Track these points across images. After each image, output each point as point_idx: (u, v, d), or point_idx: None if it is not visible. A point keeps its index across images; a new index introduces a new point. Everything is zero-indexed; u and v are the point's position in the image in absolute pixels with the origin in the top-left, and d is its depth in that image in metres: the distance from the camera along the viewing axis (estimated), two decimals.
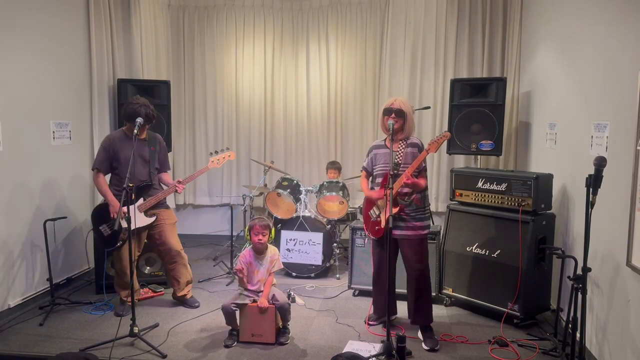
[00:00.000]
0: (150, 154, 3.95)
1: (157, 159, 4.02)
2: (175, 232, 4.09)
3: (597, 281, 3.17)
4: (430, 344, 3.40)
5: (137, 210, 3.85)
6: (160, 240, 4.01)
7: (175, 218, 4.17)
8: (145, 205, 3.89)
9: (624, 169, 2.81)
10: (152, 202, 3.90)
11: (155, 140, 4.04)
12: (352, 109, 6.05)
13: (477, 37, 5.57)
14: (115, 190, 3.89)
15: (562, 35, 4.02)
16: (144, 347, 3.33)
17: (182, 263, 4.08)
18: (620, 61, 2.94)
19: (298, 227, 4.90)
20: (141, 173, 3.91)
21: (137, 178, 3.85)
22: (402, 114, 3.42)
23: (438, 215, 5.73)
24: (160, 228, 3.99)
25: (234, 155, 4.19)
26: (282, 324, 3.55)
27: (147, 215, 3.92)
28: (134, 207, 3.82)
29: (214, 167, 4.07)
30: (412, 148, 3.45)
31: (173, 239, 4.04)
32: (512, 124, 5.24)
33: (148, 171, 3.94)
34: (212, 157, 4.08)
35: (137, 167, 3.88)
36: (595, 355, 3.16)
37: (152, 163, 3.96)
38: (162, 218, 3.99)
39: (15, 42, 3.94)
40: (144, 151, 3.94)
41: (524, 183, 3.73)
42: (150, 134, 4.04)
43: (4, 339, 3.52)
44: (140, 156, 3.91)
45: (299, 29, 6.10)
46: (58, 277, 4.44)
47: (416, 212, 3.44)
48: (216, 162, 4.06)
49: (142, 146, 3.94)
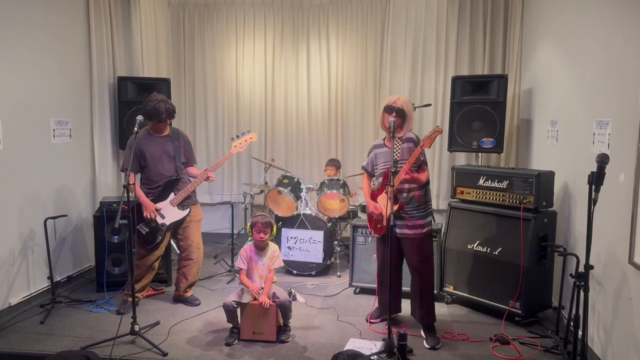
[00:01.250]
0: (175, 149, 3.98)
1: (182, 154, 4.03)
2: (199, 229, 4.14)
3: (599, 279, 3.16)
4: (432, 343, 3.39)
5: (170, 204, 3.91)
6: (183, 234, 4.06)
7: (202, 215, 4.21)
8: (177, 199, 3.93)
9: (627, 166, 2.79)
10: (183, 195, 3.94)
11: (179, 135, 4.06)
12: (353, 106, 6.04)
13: (478, 34, 5.55)
14: (147, 189, 3.94)
15: (564, 32, 4.00)
16: (145, 345, 3.33)
17: (197, 264, 4.13)
18: (623, 57, 2.93)
19: (299, 225, 4.89)
20: (168, 169, 3.95)
21: (165, 174, 3.93)
22: (403, 114, 3.41)
23: (439, 212, 5.72)
24: (187, 223, 4.04)
25: (255, 136, 4.18)
26: (283, 321, 3.54)
27: (181, 209, 3.96)
28: (167, 202, 3.92)
29: (238, 151, 4.09)
30: (408, 143, 3.44)
31: (196, 236, 4.09)
32: (513, 121, 5.23)
33: (174, 166, 3.97)
34: (235, 141, 4.09)
35: (164, 164, 3.94)
36: (597, 353, 3.15)
37: (178, 158, 3.99)
38: (190, 214, 4.04)
39: (15, 40, 3.93)
40: (168, 147, 3.97)
41: (526, 180, 3.72)
42: (173, 130, 4.07)
43: (5, 337, 3.52)
44: (165, 153, 3.94)
45: (299, 27, 6.09)
46: (59, 276, 4.44)
47: (417, 210, 3.43)
48: (239, 146, 4.07)
49: (166, 142, 3.97)
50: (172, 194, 3.94)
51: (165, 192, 3.93)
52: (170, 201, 3.93)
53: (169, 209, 3.93)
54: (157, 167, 3.93)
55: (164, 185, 3.93)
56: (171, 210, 3.93)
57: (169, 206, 3.92)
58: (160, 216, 3.89)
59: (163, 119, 3.87)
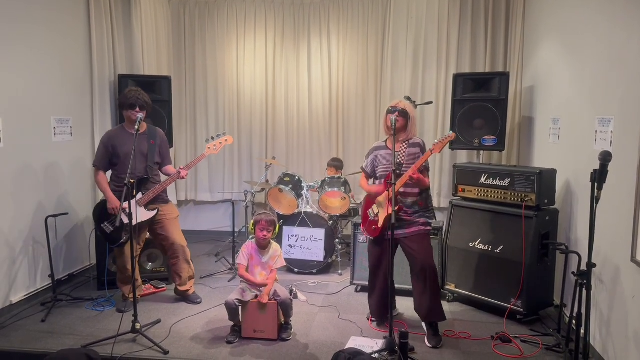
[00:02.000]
0: (150, 148, 3.92)
1: (157, 153, 3.97)
2: (177, 226, 4.07)
3: (601, 277, 3.15)
4: (434, 342, 3.38)
5: (137, 204, 3.82)
6: (162, 234, 3.99)
7: (177, 212, 4.14)
8: (144, 199, 3.86)
9: (629, 163, 2.78)
10: (150, 195, 3.87)
11: (155, 134, 4.00)
12: (354, 104, 6.03)
13: (480, 32, 5.54)
14: (115, 187, 3.87)
15: (565, 28, 3.99)
16: (146, 343, 3.33)
17: (184, 258, 4.06)
18: (626, 52, 2.91)
19: (300, 223, 4.89)
20: (138, 167, 3.87)
21: (134, 173, 3.80)
22: (406, 115, 3.38)
23: (440, 210, 5.71)
24: (162, 223, 3.97)
25: (231, 139, 4.07)
26: (284, 320, 3.54)
27: (148, 210, 3.90)
28: (134, 201, 3.78)
29: (212, 153, 3.99)
30: (414, 148, 3.41)
31: (176, 234, 4.02)
32: (515, 119, 5.21)
33: (145, 165, 3.91)
34: (209, 143, 4.00)
35: (135, 162, 3.82)
36: (599, 351, 3.15)
37: (151, 157, 3.92)
38: (163, 213, 3.97)
39: (15, 37, 3.92)
40: (143, 145, 3.91)
41: (527, 178, 3.71)
42: (150, 128, 4.01)
43: (6, 335, 3.52)
44: (138, 151, 3.87)
45: (300, 24, 6.07)
46: (60, 274, 4.43)
47: (418, 214, 3.42)
48: (213, 148, 3.98)
49: (142, 140, 3.90)
50: (139, 193, 3.84)
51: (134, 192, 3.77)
52: (138, 201, 3.81)
53: (136, 208, 3.75)
54: (128, 165, 3.70)
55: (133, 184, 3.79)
56: (137, 210, 3.77)
57: (135, 206, 3.75)
58: (126, 215, 3.60)
59: (131, 104, 3.77)
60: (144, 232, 4.01)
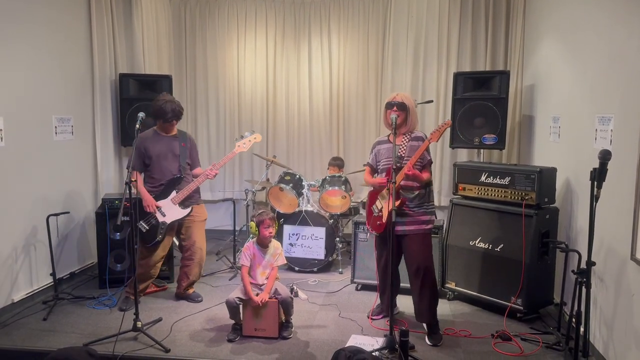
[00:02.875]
0: (181, 150, 4.00)
1: (188, 154, 4.05)
2: (202, 229, 4.14)
3: (601, 275, 3.16)
4: (434, 340, 3.39)
5: (171, 202, 3.92)
6: (186, 234, 4.06)
7: (206, 215, 4.19)
8: (179, 197, 3.93)
9: (629, 162, 2.78)
10: (185, 193, 3.93)
11: (186, 138, 4.09)
12: (355, 103, 6.03)
13: (480, 30, 5.53)
14: (150, 187, 3.96)
15: (566, 27, 3.99)
16: (148, 341, 3.34)
17: (199, 264, 4.13)
18: (626, 50, 2.91)
19: (300, 222, 4.89)
20: (172, 168, 3.96)
21: (168, 173, 3.94)
22: (404, 107, 3.39)
23: (441, 209, 5.71)
24: (190, 223, 4.04)
25: (260, 137, 4.15)
26: (285, 318, 3.55)
27: (182, 208, 3.95)
28: (168, 200, 3.91)
29: (241, 150, 4.07)
30: (415, 141, 3.43)
31: (198, 237, 4.09)
32: (515, 117, 5.21)
33: (178, 165, 3.98)
34: (239, 141, 4.08)
35: (168, 162, 3.95)
36: (599, 349, 3.15)
37: (183, 157, 4.00)
38: (193, 214, 4.03)
39: (16, 36, 3.93)
40: (175, 147, 3.99)
41: (528, 177, 3.72)
42: (180, 131, 4.09)
43: (8, 333, 3.53)
44: (170, 152, 3.97)
45: (300, 23, 6.07)
46: (61, 272, 4.44)
47: (419, 207, 3.43)
48: (242, 146, 4.05)
49: (173, 142, 4.00)
50: (173, 192, 3.94)
51: (167, 191, 3.94)
52: (172, 199, 3.93)
53: (170, 207, 3.93)
54: (161, 166, 3.94)
55: (166, 183, 3.94)
56: (172, 208, 3.93)
57: (170, 204, 3.92)
58: (161, 214, 3.90)
59: (169, 119, 3.90)
60: (174, 231, 4.08)
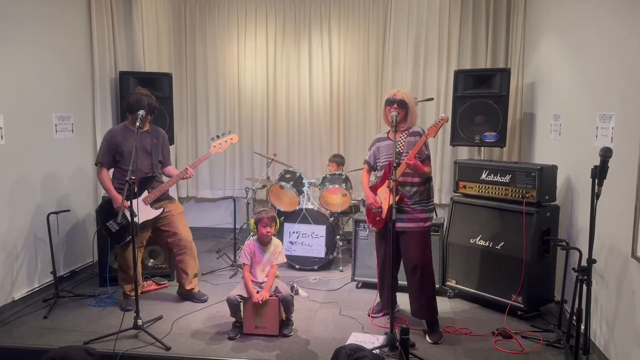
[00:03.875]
0: (153, 147, 3.92)
1: (160, 152, 3.98)
2: (184, 221, 4.07)
3: (601, 273, 3.16)
4: (435, 338, 3.39)
5: (143, 203, 3.83)
6: (170, 231, 3.98)
7: (182, 208, 4.14)
8: (151, 198, 3.85)
9: (630, 159, 2.78)
10: (157, 194, 3.87)
11: (158, 133, 4.01)
12: (355, 100, 6.03)
13: (481, 28, 5.53)
14: (118, 184, 3.86)
15: (567, 24, 3.98)
16: (148, 339, 3.34)
17: (192, 255, 4.06)
18: (627, 48, 2.90)
19: (301, 220, 4.89)
20: (144, 165, 3.88)
21: (140, 170, 3.83)
22: (405, 105, 3.39)
23: (442, 207, 5.71)
24: (169, 219, 3.97)
25: (236, 138, 4.06)
26: (285, 316, 3.55)
27: (154, 208, 3.90)
28: (139, 200, 3.80)
29: (217, 151, 3.99)
30: (413, 137, 3.42)
31: (183, 229, 4.02)
32: (516, 115, 5.21)
33: (150, 163, 3.91)
34: (214, 141, 3.99)
35: (140, 160, 3.84)
36: (599, 347, 3.15)
37: (155, 155, 3.93)
38: (168, 209, 3.97)
39: (17, 34, 3.93)
40: (147, 143, 3.90)
41: (528, 174, 3.71)
42: (152, 127, 4.01)
43: (9, 331, 3.53)
44: (142, 148, 3.87)
45: (301, 21, 6.06)
46: (62, 270, 4.45)
47: (419, 204, 3.42)
48: (218, 146, 3.97)
49: (145, 138, 3.90)
50: (145, 192, 3.84)
51: (139, 190, 3.79)
52: (143, 199, 3.82)
53: (142, 207, 3.79)
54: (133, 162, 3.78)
55: (138, 182, 3.74)
56: (143, 208, 3.80)
57: (141, 204, 3.80)
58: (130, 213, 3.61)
59: (147, 113, 3.77)
60: (147, 231, 3.98)
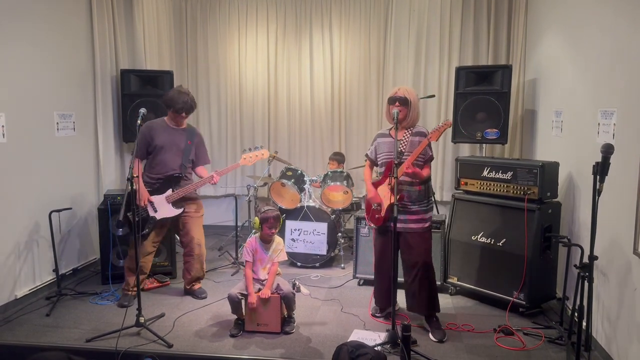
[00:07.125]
0: (186, 147, 3.95)
1: (192, 152, 4.00)
2: (200, 225, 4.10)
3: (603, 270, 3.15)
4: (439, 336, 3.38)
5: (165, 200, 3.88)
6: (183, 230, 4.03)
7: (203, 210, 4.16)
8: (173, 197, 3.89)
9: (631, 156, 2.77)
10: (180, 194, 3.90)
11: (194, 134, 4.03)
12: (356, 98, 6.02)
13: (482, 24, 5.51)
14: (147, 177, 3.91)
15: (569, 21, 3.96)
16: (150, 337, 3.35)
17: (199, 259, 4.09)
18: (630, 45, 2.89)
19: (302, 217, 4.89)
20: (174, 162, 3.91)
21: (169, 167, 3.89)
22: (407, 102, 3.38)
23: (443, 204, 5.71)
24: (187, 219, 4.00)
25: (267, 153, 4.10)
26: (287, 313, 3.56)
27: (175, 207, 3.92)
28: (163, 197, 3.88)
29: (245, 164, 4.03)
30: (417, 137, 3.41)
31: (196, 232, 4.05)
32: (517, 112, 5.20)
33: (180, 162, 3.94)
34: (245, 154, 4.04)
35: (171, 156, 3.90)
36: (601, 343, 3.15)
37: (186, 155, 3.95)
38: (189, 210, 3.99)
39: (17, 33, 3.93)
40: (180, 140, 3.94)
41: (530, 171, 3.70)
42: (190, 127, 4.05)
43: (12, 329, 3.55)
44: (175, 145, 3.91)
45: (302, 18, 6.05)
46: (64, 268, 4.46)
47: (419, 204, 3.42)
48: (248, 159, 4.01)
49: (180, 136, 3.94)
50: (169, 190, 3.89)
51: (164, 187, 3.89)
52: (166, 197, 3.88)
53: (163, 204, 3.87)
54: (164, 157, 3.89)
55: (165, 179, 3.89)
56: (165, 206, 3.88)
57: (163, 201, 3.87)
58: (153, 209, 3.85)
59: (178, 109, 3.84)
60: (166, 228, 4.04)
